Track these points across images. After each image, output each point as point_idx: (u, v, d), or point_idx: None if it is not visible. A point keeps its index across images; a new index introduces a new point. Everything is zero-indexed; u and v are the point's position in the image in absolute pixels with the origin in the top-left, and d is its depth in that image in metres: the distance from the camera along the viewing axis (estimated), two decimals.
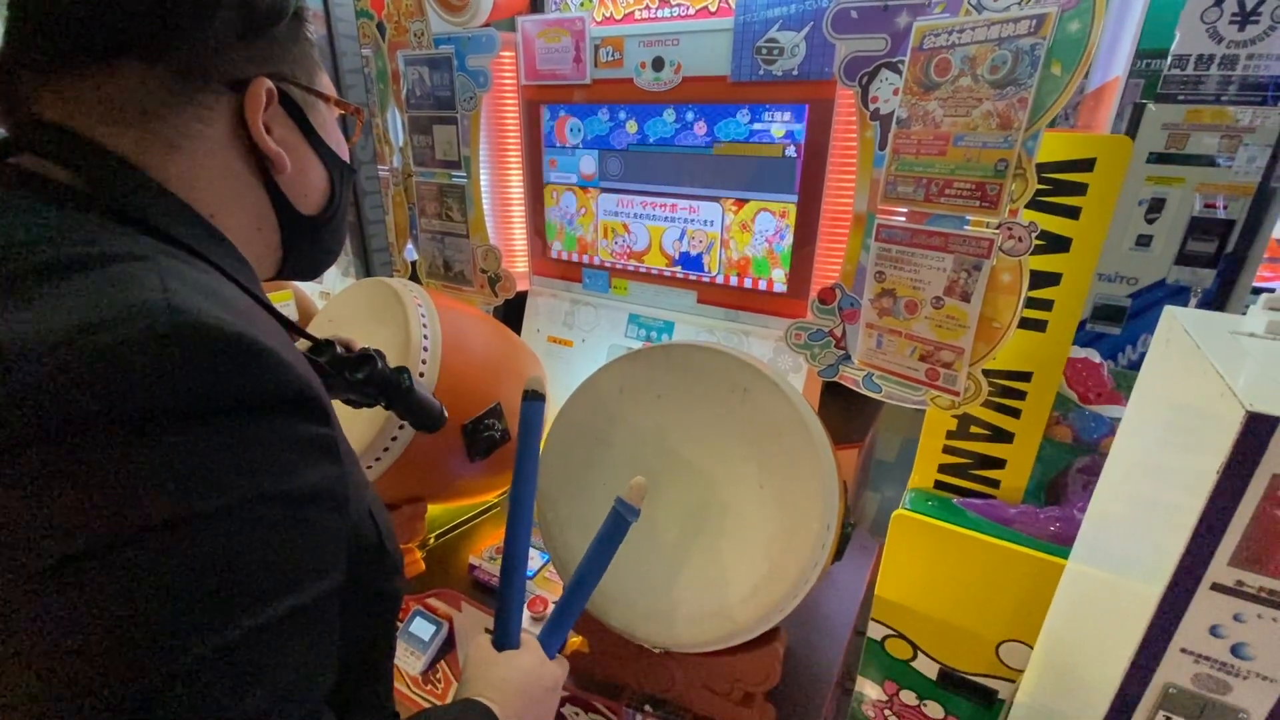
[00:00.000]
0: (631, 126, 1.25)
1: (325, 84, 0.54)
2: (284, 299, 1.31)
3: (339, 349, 0.72)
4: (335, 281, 1.78)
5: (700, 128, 1.18)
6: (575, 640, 0.99)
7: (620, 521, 0.68)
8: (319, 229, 0.56)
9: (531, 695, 0.60)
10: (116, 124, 0.41)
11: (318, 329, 1.19)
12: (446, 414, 0.82)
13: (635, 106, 1.23)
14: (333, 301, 1.21)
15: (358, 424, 0.98)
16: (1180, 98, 1.35)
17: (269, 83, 0.46)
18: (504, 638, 0.66)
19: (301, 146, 0.52)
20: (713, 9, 1.11)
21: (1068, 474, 0.98)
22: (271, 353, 0.36)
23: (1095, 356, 1.13)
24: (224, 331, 0.34)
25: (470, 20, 1.25)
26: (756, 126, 1.12)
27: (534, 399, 0.74)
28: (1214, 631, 0.44)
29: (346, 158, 0.58)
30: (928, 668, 1.00)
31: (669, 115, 1.20)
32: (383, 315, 1.05)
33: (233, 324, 0.35)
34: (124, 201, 0.40)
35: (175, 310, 0.33)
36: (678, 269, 1.31)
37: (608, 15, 1.22)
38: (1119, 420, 1.04)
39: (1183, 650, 0.45)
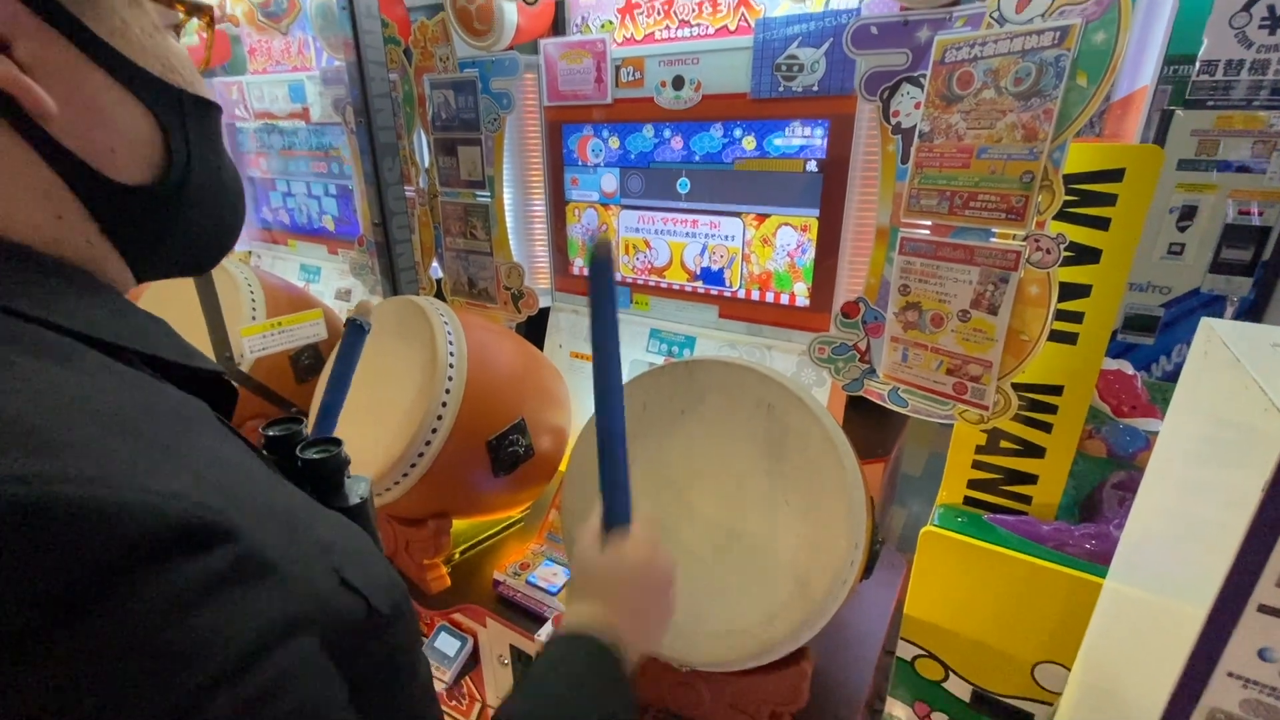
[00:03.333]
0: (653, 144, 1.27)
1: None
2: (313, 317, 1.34)
3: (301, 429, 0.54)
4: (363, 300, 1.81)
5: (721, 144, 1.19)
6: None
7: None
8: (163, 201, 0.37)
9: (658, 597, 0.54)
10: None
11: None
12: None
13: (656, 125, 1.24)
14: None
15: (383, 441, 1.00)
16: (1210, 103, 1.33)
17: None
18: (616, 514, 0.57)
19: (80, 70, 0.33)
20: (732, 27, 1.13)
21: (1103, 489, 0.96)
22: (107, 500, 0.24)
23: (1128, 368, 1.10)
24: (23, 502, 0.23)
25: (494, 44, 1.28)
26: (777, 142, 1.13)
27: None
28: (1263, 655, 0.42)
29: (188, 81, 0.38)
30: (960, 689, 0.97)
31: (690, 133, 1.21)
32: (409, 333, 1.07)
33: (37, 483, 0.23)
34: None
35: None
36: (699, 284, 1.32)
37: (628, 36, 1.24)
38: (1154, 434, 1.02)
39: (1230, 674, 0.43)
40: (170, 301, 1.11)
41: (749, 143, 1.16)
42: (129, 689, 0.23)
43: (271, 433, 0.52)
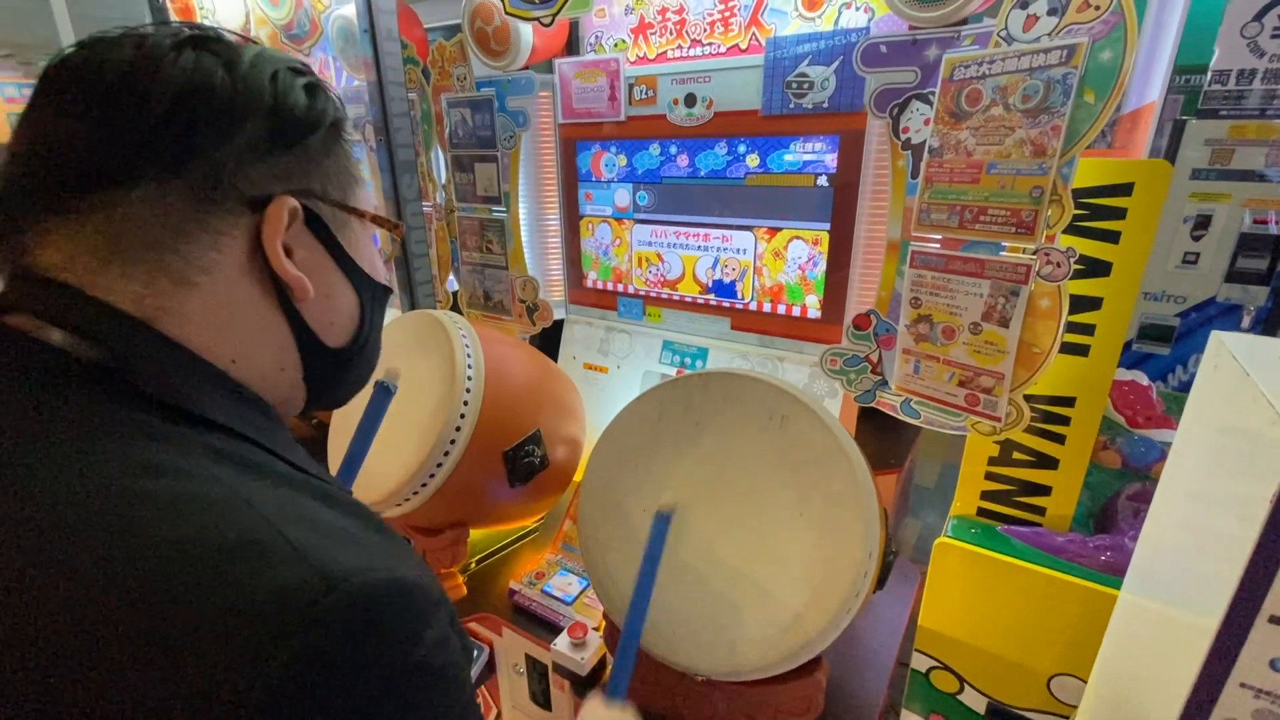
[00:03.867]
0: (664, 160, 1.29)
1: (361, 199, 0.48)
2: None
3: None
4: None
5: (732, 160, 1.21)
6: None
7: None
8: (348, 359, 0.49)
9: None
10: (120, 264, 0.36)
11: None
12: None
13: (668, 141, 1.27)
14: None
15: (403, 452, 1.02)
16: (1223, 113, 1.33)
17: (293, 201, 0.41)
18: (621, 685, 0.73)
19: (328, 269, 0.45)
20: (743, 46, 1.15)
21: (1118, 501, 0.96)
22: (405, 580, 0.35)
23: (1143, 379, 1.10)
24: (382, 581, 0.33)
25: (510, 64, 1.31)
26: (788, 158, 1.15)
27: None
28: (1274, 665, 0.43)
29: (381, 277, 0.51)
30: (976, 701, 0.97)
31: (702, 149, 1.24)
32: (429, 346, 1.10)
33: (373, 567, 0.34)
34: (143, 373, 0.35)
35: (331, 580, 0.31)
36: (711, 296, 1.33)
37: (641, 55, 1.27)
38: (1170, 445, 1.02)
39: (1242, 685, 0.44)
40: None
41: (760, 158, 1.18)
42: (457, 690, 0.37)
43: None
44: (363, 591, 0.32)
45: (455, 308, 1.63)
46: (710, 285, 1.33)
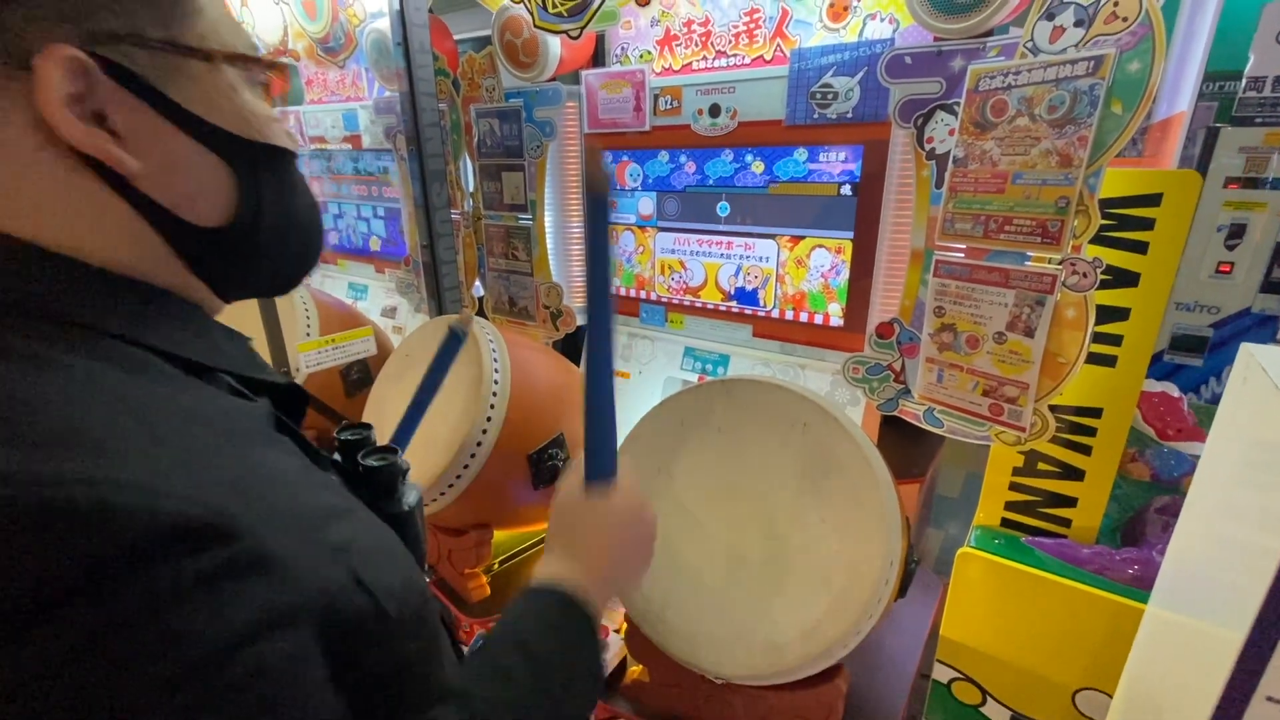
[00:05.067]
0: (689, 169, 1.31)
1: (205, 34, 0.38)
2: (364, 334, 1.41)
3: (371, 435, 0.59)
4: (407, 317, 1.89)
5: (756, 169, 1.22)
6: (635, 669, 1.01)
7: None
8: (238, 239, 0.42)
9: (628, 545, 0.55)
10: None
11: (395, 364, 1.27)
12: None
13: (692, 151, 1.28)
14: (408, 339, 1.29)
15: (430, 453, 1.04)
16: (1258, 120, 1.31)
17: (71, 50, 0.32)
18: (596, 465, 0.55)
19: (164, 132, 0.37)
20: (768, 57, 1.16)
21: (1146, 514, 0.95)
22: (106, 503, 0.27)
23: (1174, 390, 1.09)
24: (46, 500, 0.26)
25: (538, 76, 1.34)
26: (812, 167, 1.16)
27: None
28: None
29: (266, 134, 0.42)
30: (998, 714, 0.96)
31: (726, 158, 1.25)
32: None
33: (38, 481, 0.27)
34: None
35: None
36: (733, 304, 1.34)
37: (666, 66, 1.29)
38: (1201, 458, 1.00)
39: (1269, 699, 0.44)
40: (234, 319, 1.18)
41: (784, 167, 1.19)
42: (114, 670, 0.26)
43: (344, 436, 0.57)
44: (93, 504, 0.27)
45: (481, 313, 1.66)
46: (732, 293, 1.34)
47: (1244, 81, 1.31)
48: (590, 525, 0.54)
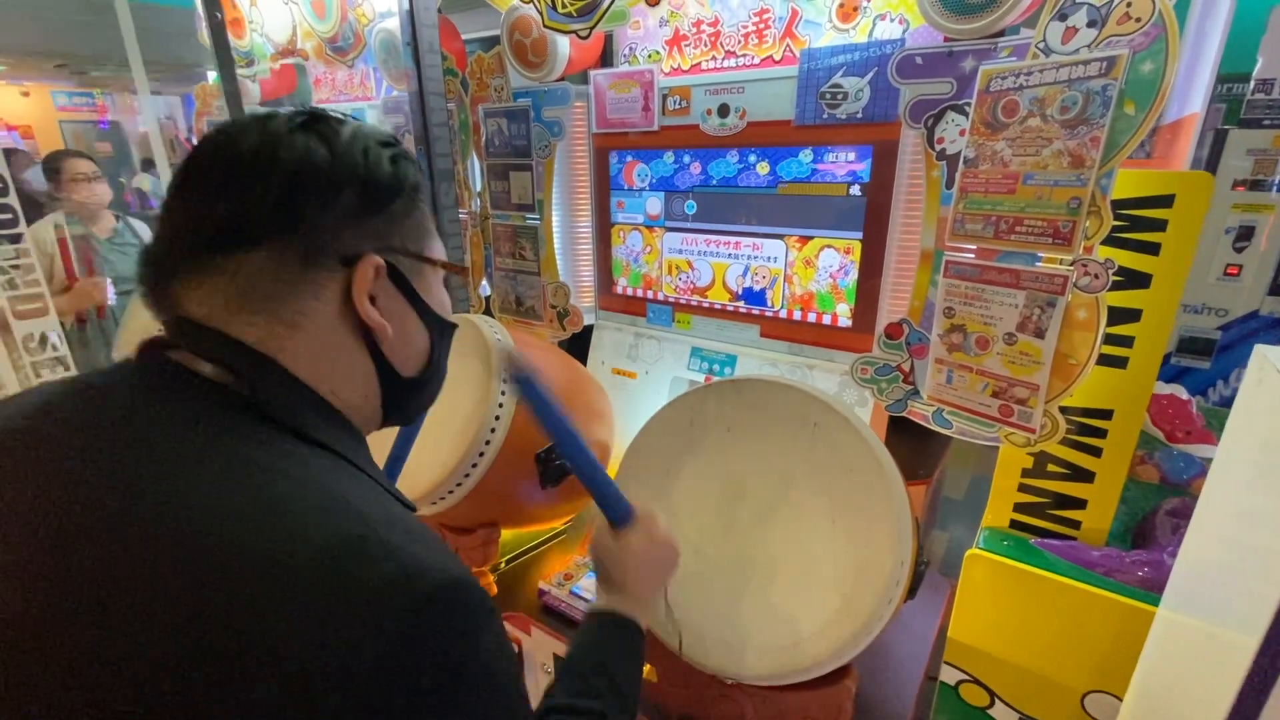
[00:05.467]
0: (696, 169, 1.31)
1: (434, 249, 0.54)
2: None
3: None
4: None
5: (764, 169, 1.22)
6: (645, 669, 1.01)
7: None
8: (418, 386, 0.56)
9: (658, 567, 0.71)
10: (247, 312, 0.44)
11: None
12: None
13: (701, 150, 1.28)
14: None
15: (439, 452, 1.05)
16: (1266, 122, 1.31)
17: (377, 258, 0.47)
18: (615, 515, 0.71)
19: (406, 312, 0.52)
20: (777, 58, 1.16)
21: (1156, 516, 0.94)
22: (466, 575, 0.41)
23: (1182, 393, 1.08)
24: (453, 579, 0.39)
25: (547, 75, 1.35)
26: (820, 167, 1.16)
27: (520, 382, 0.71)
28: None
29: (449, 315, 0.58)
30: (1007, 717, 0.96)
31: (733, 158, 1.25)
32: (465, 349, 1.13)
33: (446, 567, 0.39)
34: (272, 402, 0.44)
35: (412, 578, 0.37)
36: (740, 304, 1.34)
37: (675, 66, 1.29)
38: (1210, 460, 1.00)
39: None
40: None
41: (792, 167, 1.19)
42: (508, 683, 0.42)
43: None
44: (439, 586, 0.37)
45: (488, 312, 1.66)
46: (740, 293, 1.34)
47: (1252, 83, 1.31)
48: (627, 563, 0.70)
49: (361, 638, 0.34)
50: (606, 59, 1.41)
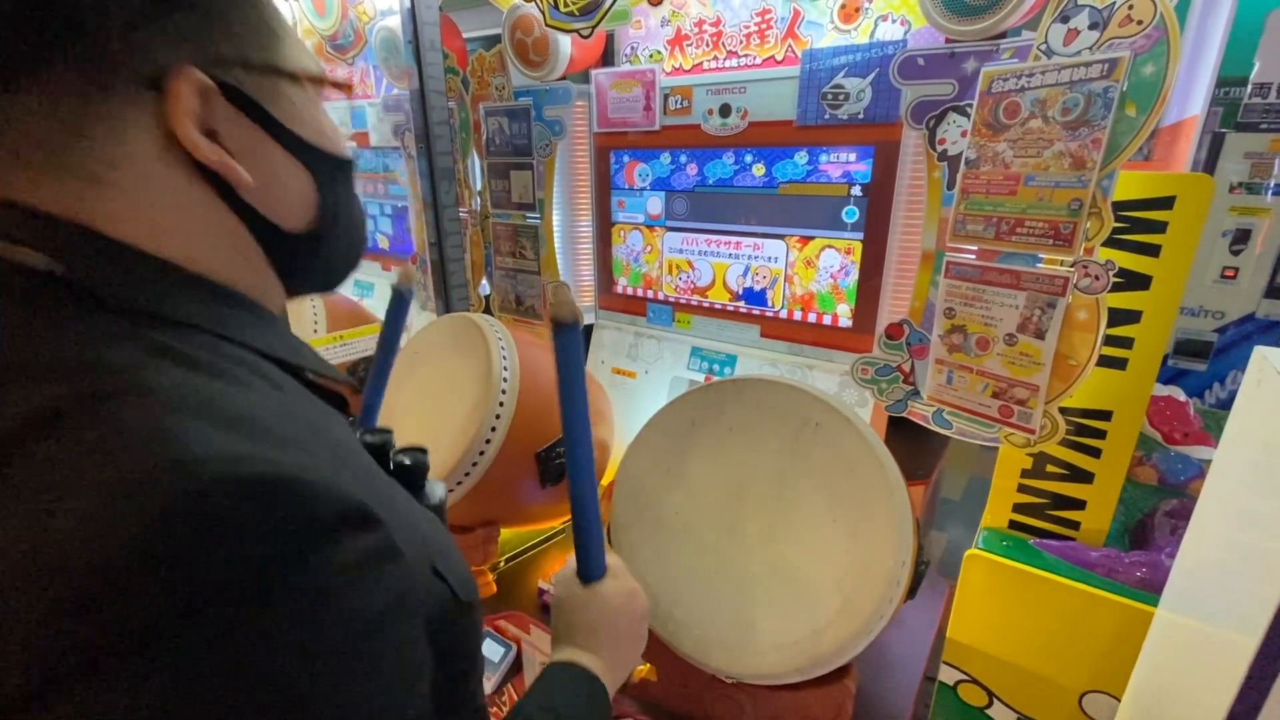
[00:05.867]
0: (697, 169, 1.31)
1: (290, 57, 0.41)
2: (371, 332, 1.41)
3: (392, 438, 0.60)
4: (413, 315, 1.89)
5: (765, 169, 1.22)
6: (643, 669, 1.01)
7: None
8: (316, 243, 0.45)
9: (627, 633, 0.61)
10: (28, 171, 0.33)
11: (403, 362, 1.27)
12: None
13: (702, 150, 1.29)
14: (417, 336, 1.29)
15: (439, 450, 1.05)
16: (1263, 126, 1.31)
17: (199, 74, 0.35)
18: (589, 568, 0.62)
19: (266, 147, 0.40)
20: (779, 58, 1.16)
21: (1154, 517, 0.95)
22: (298, 482, 0.30)
23: (1180, 395, 1.09)
24: (242, 477, 0.28)
25: (548, 74, 1.35)
26: (822, 167, 1.16)
27: (564, 329, 0.63)
28: None
29: (338, 147, 0.46)
30: (1005, 717, 0.96)
31: (732, 159, 1.25)
32: (465, 348, 1.13)
33: (251, 460, 0.29)
34: (95, 282, 0.34)
35: (184, 467, 0.27)
36: (741, 304, 1.35)
37: (677, 66, 1.29)
38: (1207, 462, 1.01)
39: None
40: None
41: (793, 168, 1.19)
42: (314, 630, 0.30)
43: (367, 440, 0.58)
44: (218, 481, 0.28)
45: (487, 311, 1.66)
46: (740, 293, 1.34)
47: (1249, 87, 1.31)
48: (591, 619, 0.60)
49: (96, 543, 0.26)
50: (608, 58, 1.41)
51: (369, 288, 2.08)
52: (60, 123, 0.33)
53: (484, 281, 1.66)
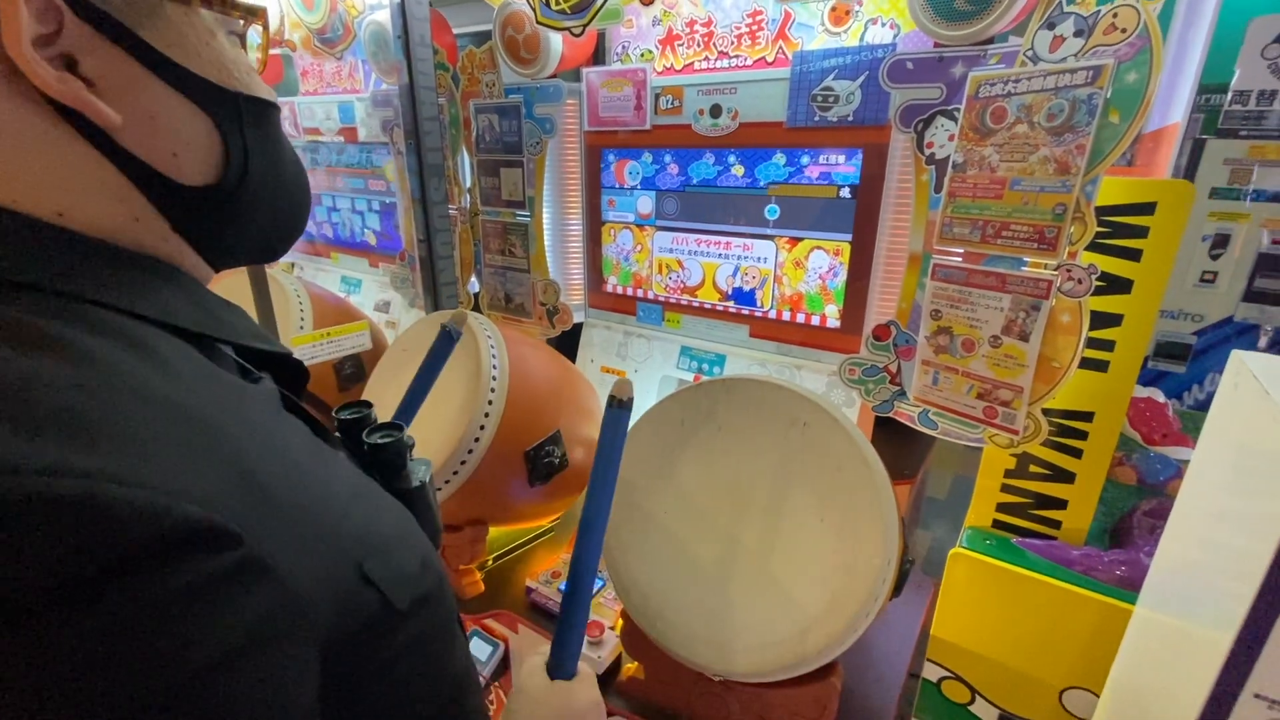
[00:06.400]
0: (688, 169, 1.31)
1: None
2: (359, 329, 1.40)
3: (371, 413, 0.58)
4: (401, 312, 1.88)
5: (755, 170, 1.23)
6: (630, 666, 1.01)
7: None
8: (224, 200, 0.39)
9: None
10: None
11: (390, 360, 1.27)
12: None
13: (693, 150, 1.29)
14: (404, 334, 1.29)
15: (428, 448, 1.04)
16: (1242, 133, 1.34)
17: None
18: (561, 666, 0.59)
19: (143, 82, 0.34)
20: (770, 59, 1.17)
21: (1133, 516, 0.97)
22: (105, 501, 0.25)
23: (1159, 396, 1.11)
24: (30, 495, 0.24)
25: (539, 72, 1.34)
26: (812, 169, 1.16)
27: (617, 406, 0.61)
28: None
29: (246, 85, 0.39)
30: (986, 713, 0.98)
31: (722, 159, 1.26)
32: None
33: (50, 471, 0.24)
34: None
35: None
36: (730, 304, 1.35)
37: (668, 66, 1.29)
38: (1186, 462, 1.02)
39: (1256, 696, 0.45)
40: None
41: (783, 169, 1.20)
42: (111, 680, 0.24)
43: (343, 416, 0.56)
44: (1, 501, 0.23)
45: (476, 309, 1.65)
46: (730, 293, 1.34)
47: (1230, 94, 1.34)
48: (554, 713, 0.55)
49: None
50: (599, 57, 1.41)
51: (356, 284, 2.07)
52: None
53: (473, 279, 1.66)
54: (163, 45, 0.35)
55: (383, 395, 1.22)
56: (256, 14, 0.41)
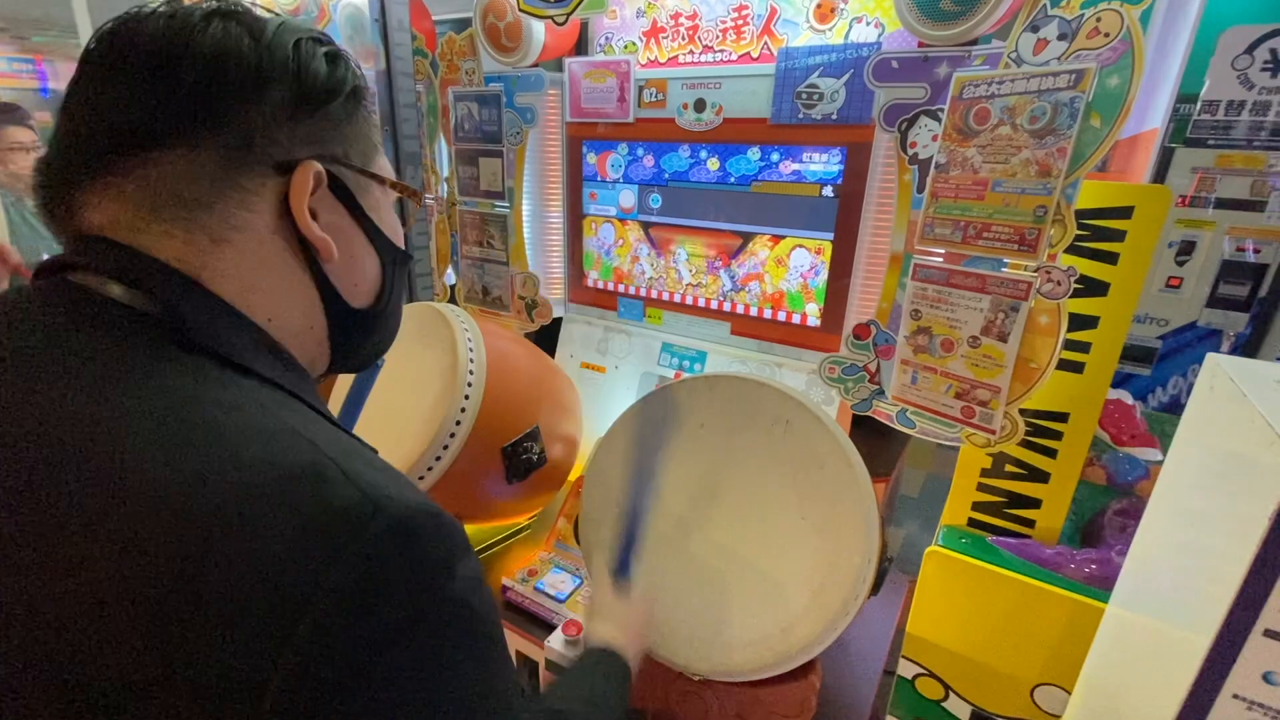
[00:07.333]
0: (671, 163, 1.30)
1: (382, 166, 0.51)
2: None
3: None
4: None
5: (739, 166, 1.22)
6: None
7: None
8: (370, 321, 0.52)
9: (640, 632, 0.76)
10: (160, 223, 0.39)
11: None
12: None
13: (676, 145, 1.28)
14: None
15: (402, 444, 1.01)
16: (1210, 142, 1.37)
17: (318, 165, 0.43)
18: (625, 570, 0.79)
19: (351, 232, 0.48)
20: (755, 55, 1.16)
21: (1104, 516, 0.98)
22: (437, 506, 0.38)
23: (1128, 398, 1.13)
24: (422, 507, 0.36)
25: (520, 60, 1.31)
26: (795, 167, 1.16)
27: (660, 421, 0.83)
28: (1267, 678, 0.44)
29: (401, 243, 0.54)
30: (960, 709, 0.99)
31: (708, 154, 1.25)
32: (430, 339, 1.09)
33: (414, 496, 0.37)
34: (193, 326, 0.39)
35: (379, 504, 0.34)
36: (711, 300, 1.34)
37: (652, 58, 1.28)
38: (1153, 463, 1.05)
39: (1235, 696, 0.46)
40: None
41: (766, 165, 1.19)
42: (473, 613, 0.38)
43: None
44: (406, 515, 0.35)
45: (453, 301, 1.62)
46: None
47: (1199, 104, 1.37)
48: (621, 614, 0.76)
49: (321, 567, 0.31)
50: (582, 47, 1.39)
51: None
52: (200, 185, 0.39)
53: (450, 271, 1.62)
54: (369, 209, 0.49)
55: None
56: (417, 195, 0.57)
